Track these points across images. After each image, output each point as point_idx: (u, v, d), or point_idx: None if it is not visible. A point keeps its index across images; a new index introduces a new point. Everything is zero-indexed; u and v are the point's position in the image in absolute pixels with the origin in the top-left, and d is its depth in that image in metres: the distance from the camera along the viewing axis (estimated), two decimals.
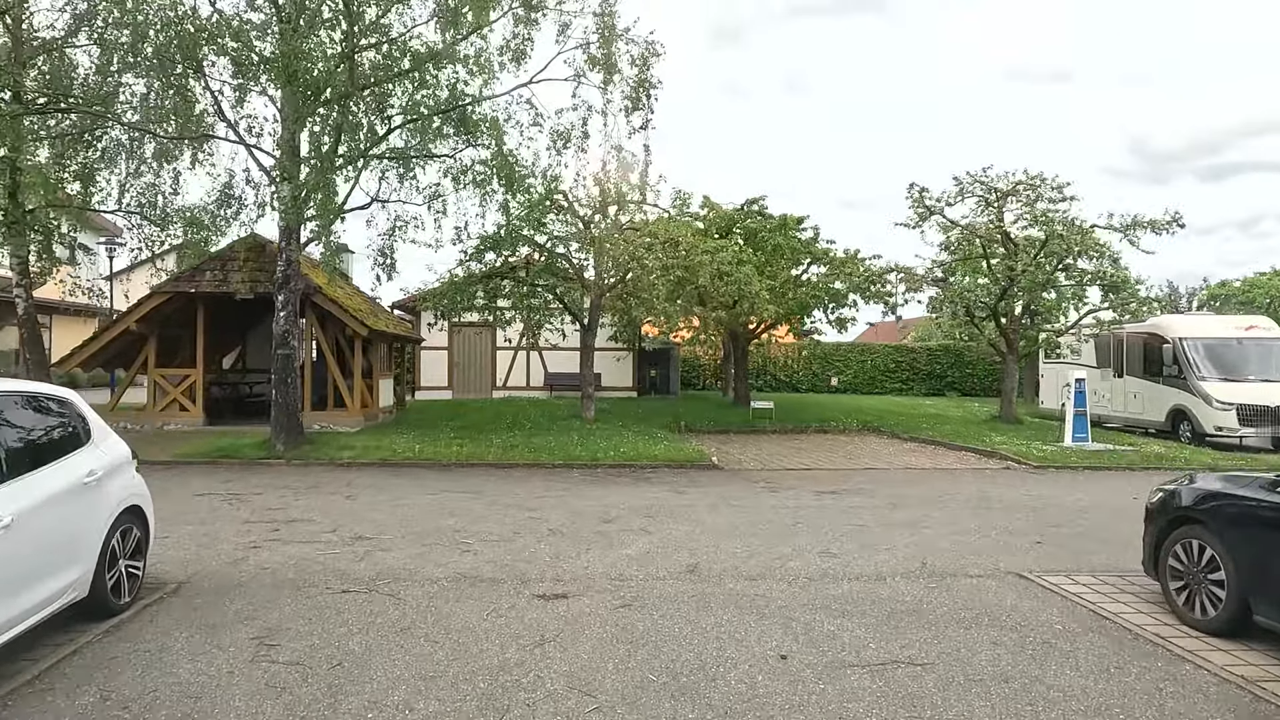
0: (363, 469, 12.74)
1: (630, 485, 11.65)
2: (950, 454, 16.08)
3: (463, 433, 16.22)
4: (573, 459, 13.61)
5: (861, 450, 16.72)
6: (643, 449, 14.44)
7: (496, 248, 17.90)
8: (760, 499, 10.62)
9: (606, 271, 18.54)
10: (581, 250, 17.89)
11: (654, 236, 17.19)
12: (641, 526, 8.66)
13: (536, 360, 26.24)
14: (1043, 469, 14.00)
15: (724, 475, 12.84)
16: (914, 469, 13.89)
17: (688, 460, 13.70)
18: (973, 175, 19.50)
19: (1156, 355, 20.00)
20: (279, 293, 13.63)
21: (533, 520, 8.93)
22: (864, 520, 9.22)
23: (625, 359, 26.64)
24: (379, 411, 18.81)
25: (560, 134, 13.34)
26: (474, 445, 14.48)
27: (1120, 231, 18.18)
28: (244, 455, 13.22)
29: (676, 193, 18.59)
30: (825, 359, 34.98)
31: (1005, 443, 16.64)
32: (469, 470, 12.84)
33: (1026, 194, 19.20)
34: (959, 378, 35.38)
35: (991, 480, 12.67)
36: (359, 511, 9.30)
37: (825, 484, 11.97)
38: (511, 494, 10.68)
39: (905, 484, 12.12)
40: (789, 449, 16.76)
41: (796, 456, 15.49)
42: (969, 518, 9.44)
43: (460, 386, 26.06)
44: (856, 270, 19.90)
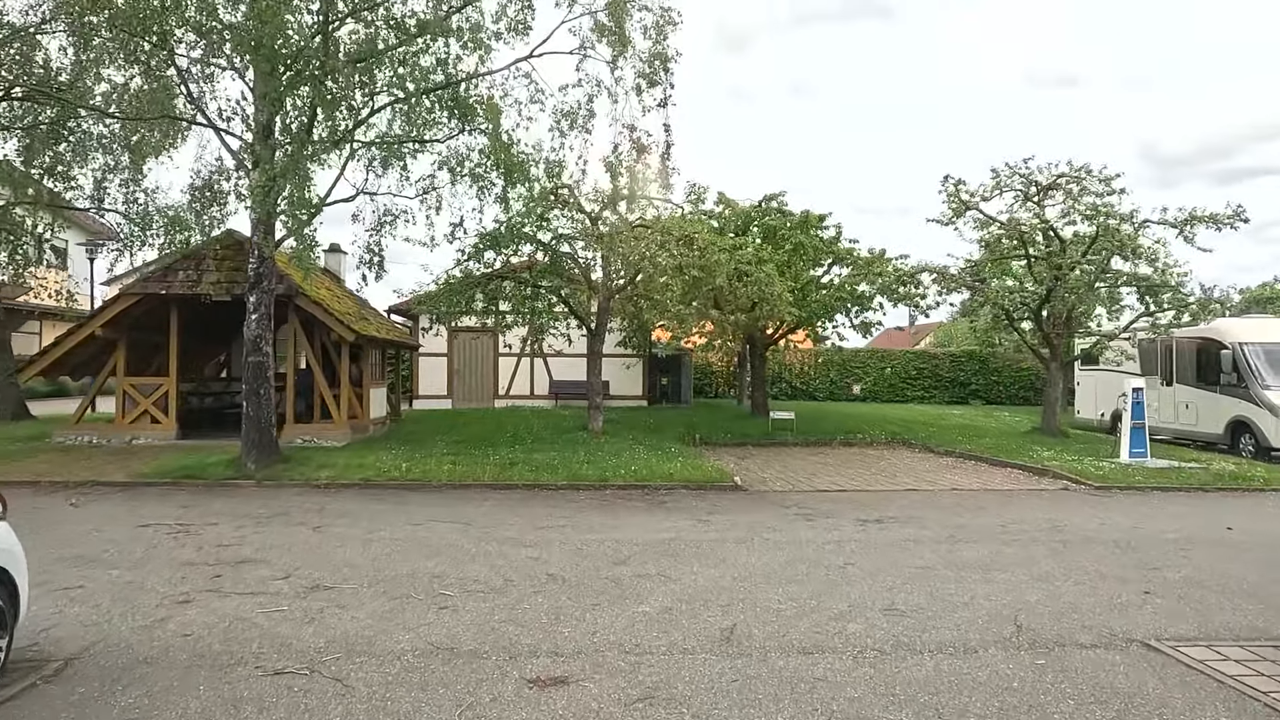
0: (340, 492, 11.29)
1: (645, 512, 10.17)
2: (996, 472, 14.55)
3: (458, 448, 14.78)
4: (579, 479, 12.15)
5: (896, 467, 15.20)
6: (657, 467, 12.97)
7: (496, 246, 16.48)
8: (796, 530, 9.13)
9: (615, 272, 17.11)
10: (588, 248, 16.45)
11: (667, 233, 15.75)
12: (661, 570, 7.18)
13: (541, 367, 24.81)
14: (1106, 490, 12.46)
15: (750, 499, 11.36)
16: (962, 490, 12.37)
17: (708, 480, 12.22)
18: (1011, 167, 18.00)
19: (1213, 362, 18.41)
20: (250, 293, 12.23)
21: (530, 561, 7.46)
22: (925, 559, 7.72)
23: (635, 366, 25.19)
24: (370, 423, 17.39)
25: (565, 114, 11.88)
26: (469, 463, 13.03)
27: (1176, 227, 16.62)
28: (209, 475, 11.79)
29: (691, 186, 17.19)
30: (843, 366, 33.46)
31: (1054, 458, 15.11)
32: (461, 493, 11.39)
33: (1070, 187, 17.68)
34: (983, 385, 33.80)
35: (1054, 505, 11.15)
36: (325, 548, 7.85)
37: (867, 509, 10.47)
38: (508, 524, 9.21)
39: (958, 510, 10.61)
40: (816, 465, 15.26)
41: (826, 474, 13.99)
42: (1048, 557, 7.93)
43: (460, 395, 24.64)
44: (886, 270, 18.39)
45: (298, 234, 12.48)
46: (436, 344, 23.99)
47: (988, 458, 15.83)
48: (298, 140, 10.72)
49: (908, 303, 19.92)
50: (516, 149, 11.99)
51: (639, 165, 11.87)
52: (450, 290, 16.64)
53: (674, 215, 17.30)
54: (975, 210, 18.07)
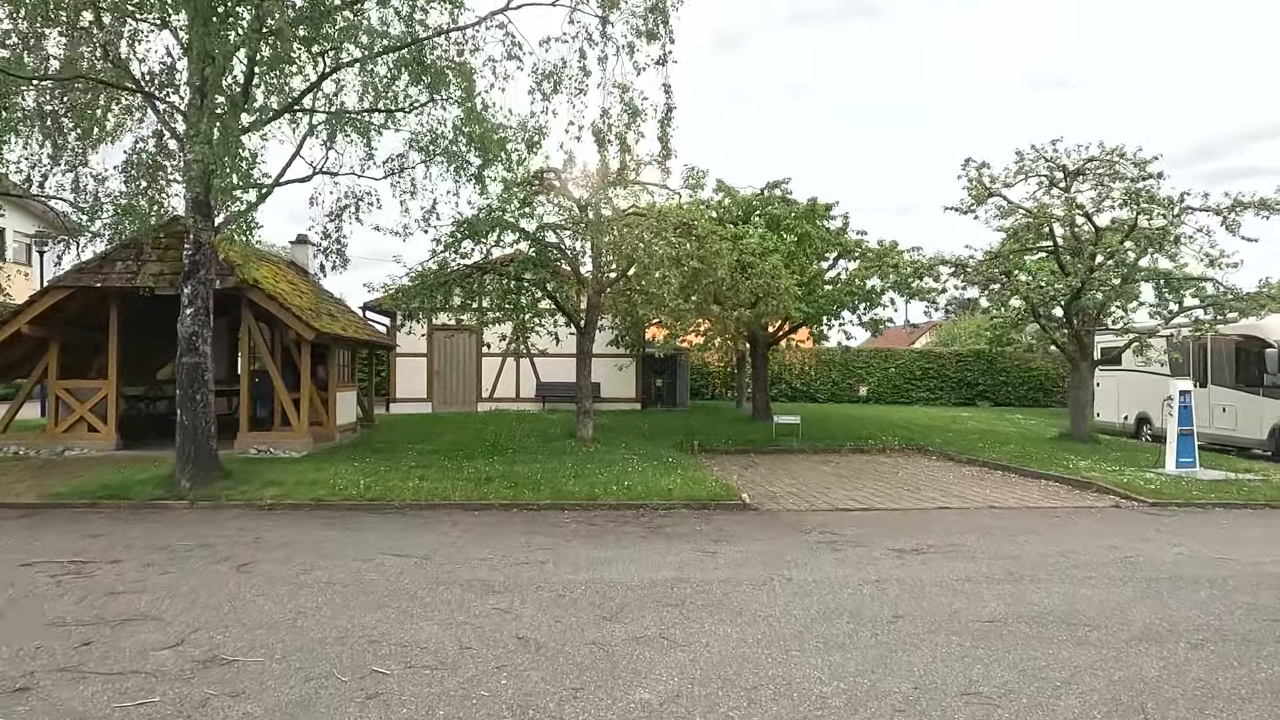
0: (285, 515, 9.71)
1: (640, 539, 8.62)
2: (1030, 484, 13.06)
3: (430, 459, 13.20)
4: (564, 497, 10.59)
5: (916, 478, 13.70)
6: (653, 481, 11.43)
7: (475, 235, 14.93)
8: (822, 563, 7.60)
9: (607, 264, 15.56)
10: (577, 237, 14.90)
11: (663, 220, 14.22)
12: (663, 629, 5.64)
13: (527, 368, 23.23)
14: (1162, 507, 10.99)
15: (761, 521, 9.82)
16: (1000, 508, 10.87)
17: (712, 498, 10.68)
18: (1037, 150, 16.53)
19: (1254, 362, 17.01)
20: (185, 284, 10.65)
21: (497, 615, 5.91)
22: (990, 608, 6.20)
23: (628, 367, 23.63)
24: (337, 431, 15.80)
25: (548, 74, 10.28)
26: (439, 478, 11.45)
27: (1220, 214, 15.17)
28: (135, 495, 10.19)
29: (689, 171, 15.65)
30: (845, 366, 31.97)
31: (1092, 468, 13.64)
32: (427, 516, 9.81)
33: (1100, 173, 16.22)
34: (991, 386, 32.37)
35: (1112, 527, 9.66)
36: (242, 598, 6.28)
37: (899, 534, 8.96)
38: (475, 558, 7.65)
39: (1005, 534, 9.10)
40: (827, 476, 13.75)
41: (842, 488, 12.48)
42: (1139, 603, 6.43)
43: (441, 398, 23.03)
44: (902, 263, 16.88)
45: (241, 218, 10.92)
46: (415, 344, 22.37)
47: (1016, 467, 14.35)
48: (231, 107, 9.10)
49: (922, 298, 18.43)
50: (491, 116, 10.41)
51: (632, 133, 10.34)
52: (424, 284, 15.07)
53: (671, 202, 15.76)
54: (999, 197, 16.59)
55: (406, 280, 15.13)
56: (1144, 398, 20.69)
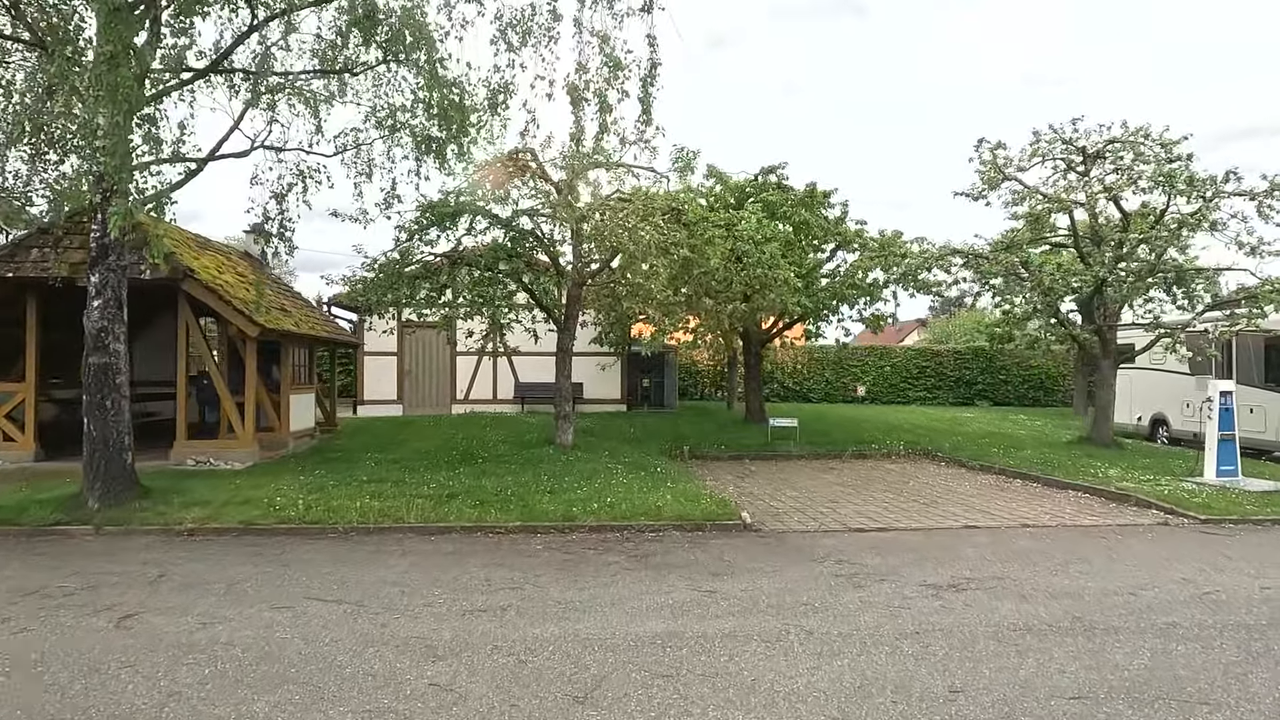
0: (205, 544, 8.24)
1: (625, 573, 7.23)
2: (1059, 497, 11.75)
3: (389, 471, 11.74)
4: (537, 517, 9.17)
5: (930, 488, 12.38)
6: (640, 497, 10.03)
7: (441, 221, 13.48)
8: (845, 606, 6.23)
9: (588, 253, 14.14)
10: (553, 221, 13.46)
11: (650, 204, 12.83)
12: (656, 717, 4.25)
13: (505, 368, 21.77)
14: (1217, 524, 9.71)
15: (766, 546, 8.44)
16: (1035, 527, 9.54)
17: (707, 518, 9.29)
18: (1055, 131, 15.23)
19: None
20: (93, 271, 9.13)
21: (434, 698, 4.49)
22: (1070, 675, 4.84)
23: (612, 366, 22.20)
24: (290, 438, 14.30)
25: (513, 22, 8.82)
26: (395, 494, 10.00)
27: (1255, 198, 13.91)
28: (30, 519, 8.69)
29: (678, 152, 14.24)
30: (839, 364, 30.68)
31: (1124, 478, 12.38)
32: (374, 543, 8.37)
33: (1124, 155, 14.95)
34: (989, 385, 31.16)
35: (1171, 551, 8.35)
36: (104, 671, 4.84)
37: (928, 562, 7.61)
38: (421, 604, 6.23)
39: (1050, 561, 7.77)
40: (832, 486, 12.41)
41: (850, 501, 11.14)
42: (1253, 667, 5.09)
43: (413, 400, 21.54)
44: (911, 254, 15.54)
45: (164, 196, 9.45)
46: (384, 342, 20.87)
47: (1039, 476, 13.05)
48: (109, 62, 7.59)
49: (928, 292, 17.12)
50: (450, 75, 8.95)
51: (614, 90, 8.89)
52: (385, 276, 13.56)
53: (657, 186, 14.34)
54: (1014, 181, 15.28)
55: (366, 271, 13.63)
56: (1159, 398, 19.51)
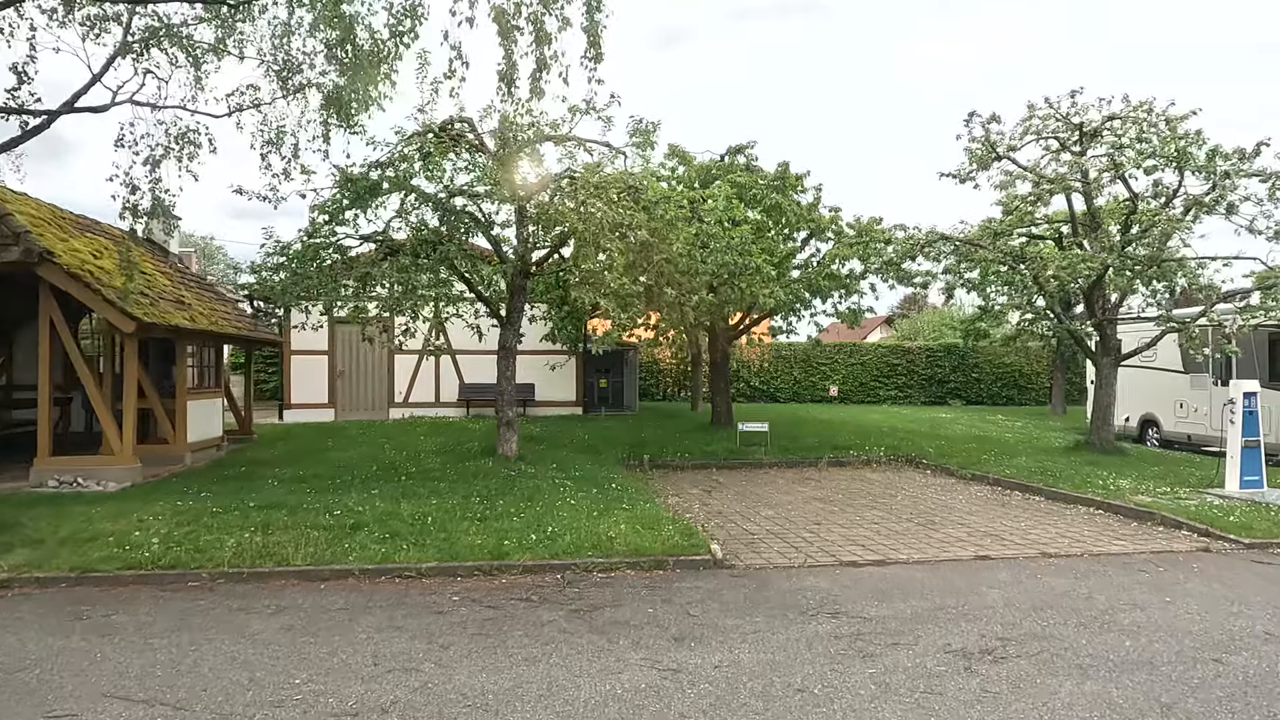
0: (13, 603, 6.32)
1: (562, 642, 5.51)
2: (1070, 513, 10.29)
3: (292, 492, 9.87)
4: (459, 554, 7.40)
5: (923, 503, 10.86)
6: (588, 525, 8.31)
7: (362, 198, 11.60)
8: (854, 691, 4.60)
9: (533, 236, 12.37)
10: (493, 199, 11.65)
11: (602, 177, 11.12)
12: None
13: (449, 368, 19.88)
14: (1264, 549, 8.31)
15: (742, 590, 6.78)
16: (1056, 556, 8.02)
17: (669, 551, 7.60)
18: (1051, 105, 13.82)
19: None
20: None
21: None
22: None
23: (566, 365, 20.42)
24: (187, 450, 12.31)
25: None
26: (287, 525, 8.14)
27: (1267, 179, 12.62)
28: None
29: (636, 125, 12.55)
30: (809, 363, 29.30)
31: (1138, 490, 11.00)
32: (243, 595, 6.54)
33: (1124, 133, 13.60)
34: (963, 383, 30.08)
35: (1231, 588, 6.87)
36: None
37: (944, 613, 6.03)
38: (270, 701, 4.46)
39: (1094, 609, 6.23)
40: (813, 503, 10.83)
41: (836, 522, 9.56)
42: None
43: (347, 404, 19.55)
44: (897, 240, 14.01)
45: None
46: (314, 339, 18.82)
47: (1041, 488, 11.62)
48: None
49: (911, 283, 15.66)
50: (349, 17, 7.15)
51: (553, 17, 7.11)
52: (299, 269, 11.61)
53: (613, 163, 12.61)
54: (1008, 160, 13.84)
55: (276, 257, 11.69)
56: (1149, 397, 18.32)
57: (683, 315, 12.20)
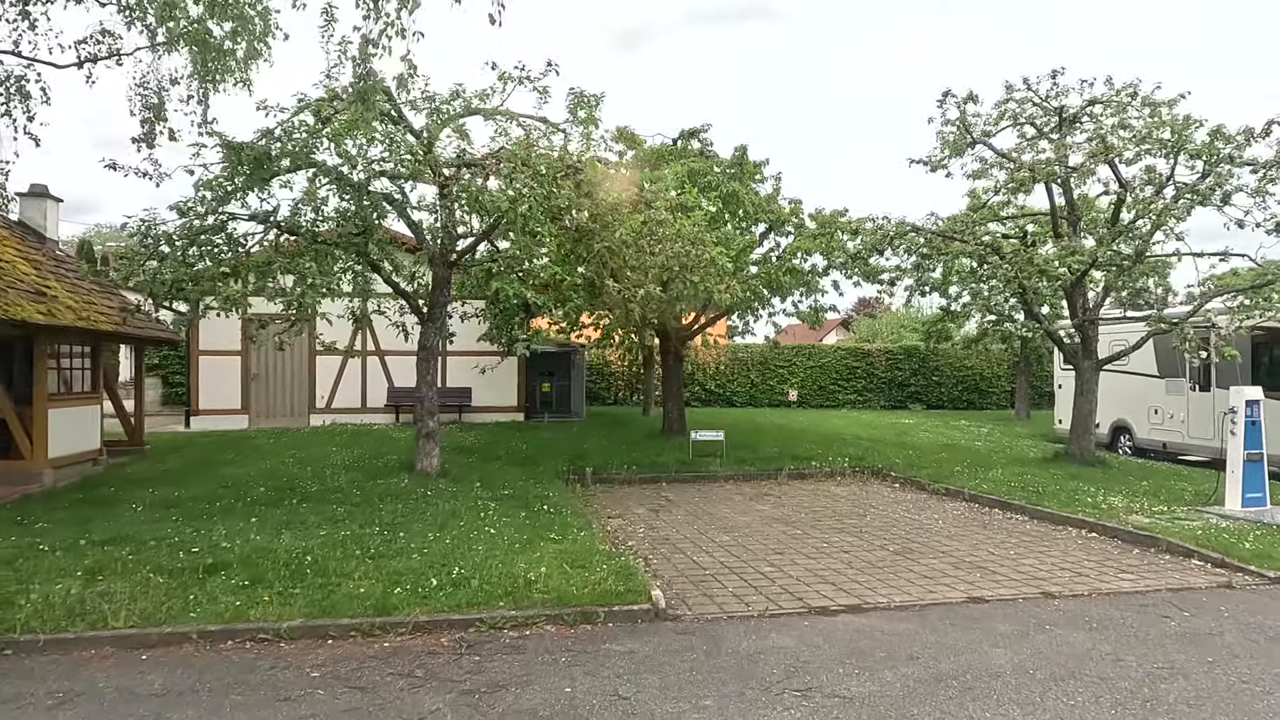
0: None
1: None
2: (1062, 537, 9.11)
3: (150, 522, 8.20)
4: (335, 608, 5.86)
5: (897, 525, 9.60)
6: (504, 562, 6.83)
7: (255, 177, 9.91)
8: None
9: (460, 222, 10.83)
10: (413, 178, 10.07)
11: (529, 158, 9.65)
12: None
13: (378, 370, 18.19)
14: None
15: (688, 657, 5.37)
16: (1062, 597, 6.78)
17: (600, 599, 6.16)
18: (1031, 86, 12.73)
19: (1278, 359, 13.82)
20: None
21: None
22: None
23: (507, 368, 18.82)
24: (48, 467, 10.52)
25: None
26: (126, 569, 6.50)
27: (1258, 170, 11.67)
28: None
29: (576, 96, 11.10)
30: (766, 365, 28.12)
31: (1132, 508, 9.91)
32: (29, 673, 4.94)
33: (1109, 118, 12.58)
34: (923, 387, 29.16)
35: (1275, 643, 5.68)
36: None
37: (945, 686, 4.72)
38: None
39: (1126, 680, 4.98)
40: (774, 525, 9.49)
41: (802, 551, 8.22)
42: None
43: (262, 410, 17.73)
44: (865, 231, 12.76)
45: None
46: (225, 338, 16.97)
47: (1024, 506, 10.45)
48: None
49: (878, 280, 14.47)
50: None
51: None
52: (180, 258, 9.87)
53: (550, 140, 11.13)
54: (983, 145, 12.70)
55: (134, 241, 9.90)
56: (1122, 402, 17.42)
57: (628, 312, 10.78)
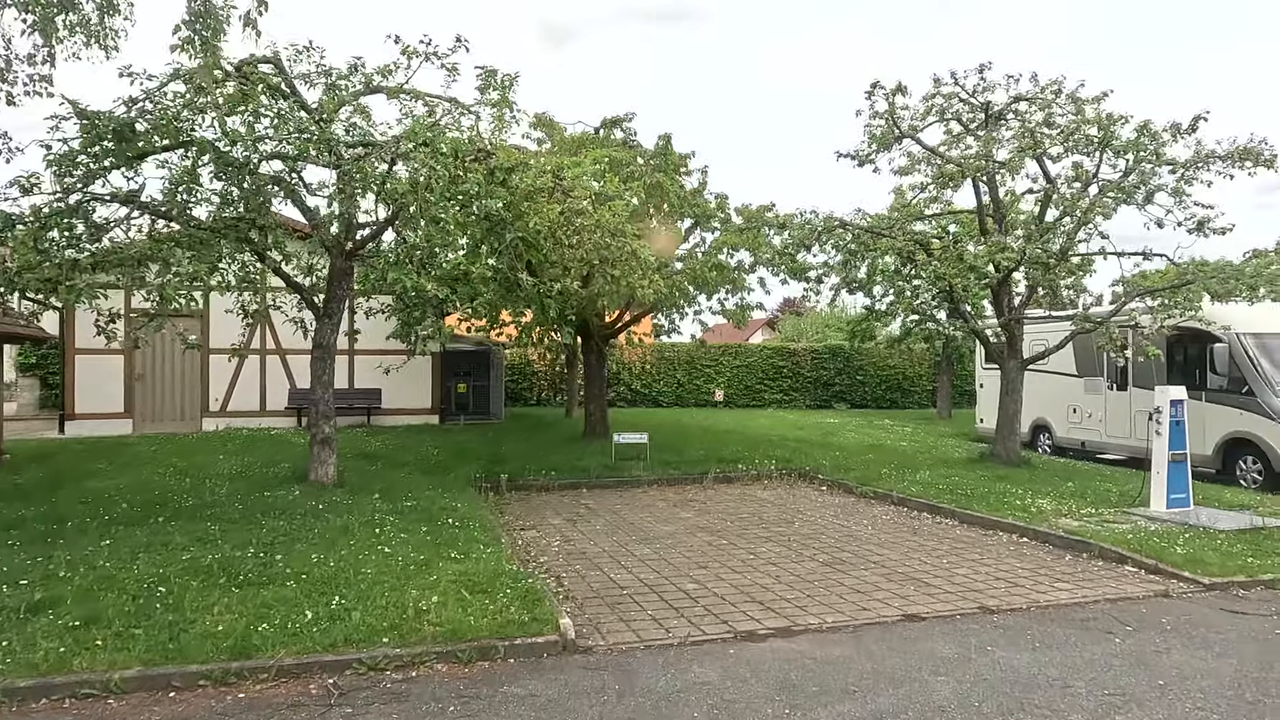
0: None
1: None
2: (993, 543, 8.78)
3: None
4: (182, 652, 4.96)
5: (826, 532, 9.14)
6: (394, 588, 6.03)
7: (120, 153, 8.79)
8: None
9: (357, 209, 9.89)
10: (296, 153, 9.09)
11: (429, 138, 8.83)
12: None
13: (278, 370, 16.95)
14: (1225, 590, 6.97)
15: (594, 699, 4.69)
16: (999, 612, 6.37)
17: (500, 630, 5.42)
18: (957, 80, 12.51)
19: (1195, 359, 13.97)
20: None
21: None
22: None
23: (421, 368, 17.82)
24: None
25: None
26: None
27: (1179, 169, 11.68)
28: None
29: (486, 75, 10.30)
30: (693, 364, 27.72)
31: (1060, 511, 9.71)
32: None
33: (1036, 114, 12.45)
34: (848, 386, 29.25)
35: (1227, 663, 5.35)
36: None
37: None
38: None
39: (1078, 712, 4.53)
40: (698, 534, 8.91)
41: (727, 565, 7.65)
42: None
43: (149, 413, 16.29)
44: (793, 225, 12.31)
45: None
46: None
47: (953, 510, 10.14)
48: None
49: (805, 278, 14.07)
50: None
51: None
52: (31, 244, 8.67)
53: (458, 121, 10.31)
54: (912, 139, 12.42)
55: None
56: (1041, 401, 17.47)
57: (544, 308, 10.03)
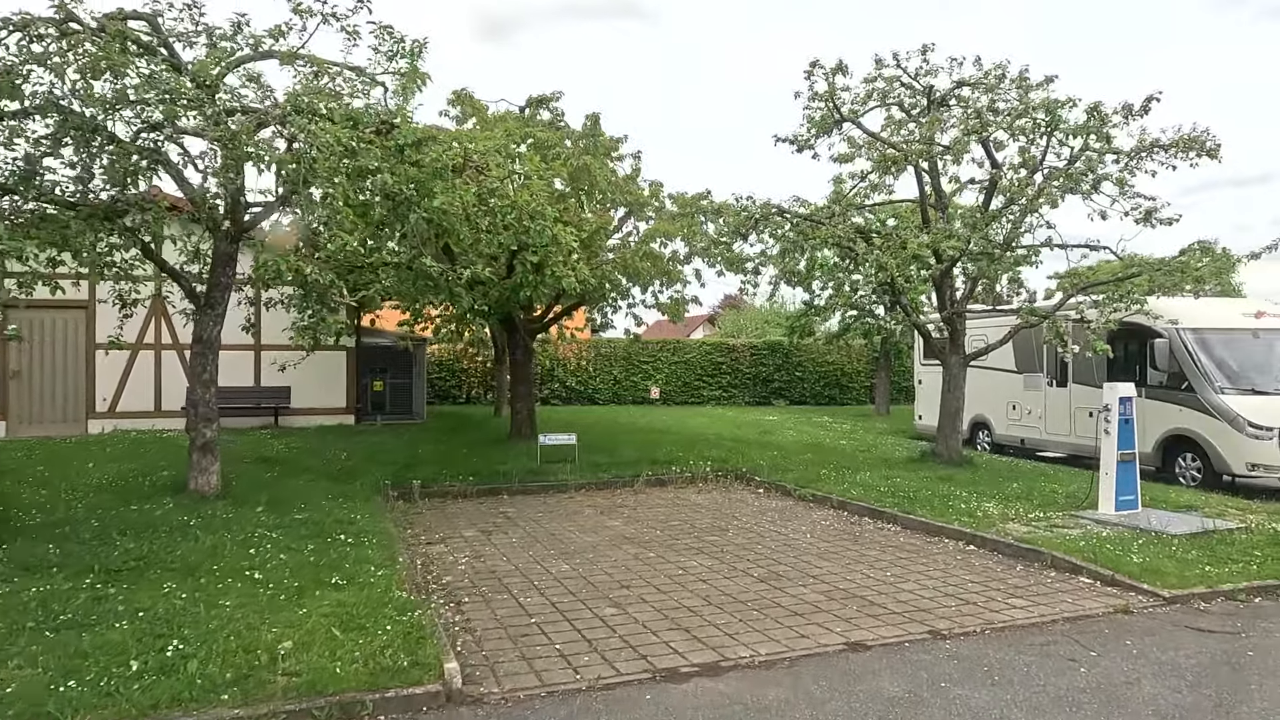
0: None
1: None
2: (939, 552, 8.18)
3: None
4: None
5: (762, 541, 8.43)
6: (252, 626, 5.05)
7: None
8: None
9: (243, 186, 8.76)
10: (164, 116, 7.94)
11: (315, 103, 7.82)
12: None
13: (175, 367, 15.55)
14: (1186, 603, 6.45)
15: None
16: (951, 637, 5.71)
17: (372, 679, 4.49)
18: (899, 62, 11.94)
19: (1135, 354, 13.73)
20: None
21: None
22: None
23: (335, 364, 16.61)
24: None
25: None
26: None
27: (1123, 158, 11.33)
28: None
29: (395, 42, 9.29)
30: (630, 360, 26.92)
31: (1008, 515, 9.19)
32: None
33: (980, 98, 11.97)
34: (786, 383, 28.84)
35: (1200, 688, 4.76)
36: None
37: None
38: None
39: None
40: (623, 547, 8.10)
41: (652, 582, 6.86)
42: None
43: (25, 414, 14.74)
44: (729, 210, 11.57)
45: None
46: None
47: (896, 515, 9.55)
48: None
49: (740, 269, 13.39)
50: None
51: None
52: None
53: (362, 94, 9.26)
54: (853, 124, 11.80)
55: None
56: (980, 398, 17.18)
57: (453, 297, 9.08)
